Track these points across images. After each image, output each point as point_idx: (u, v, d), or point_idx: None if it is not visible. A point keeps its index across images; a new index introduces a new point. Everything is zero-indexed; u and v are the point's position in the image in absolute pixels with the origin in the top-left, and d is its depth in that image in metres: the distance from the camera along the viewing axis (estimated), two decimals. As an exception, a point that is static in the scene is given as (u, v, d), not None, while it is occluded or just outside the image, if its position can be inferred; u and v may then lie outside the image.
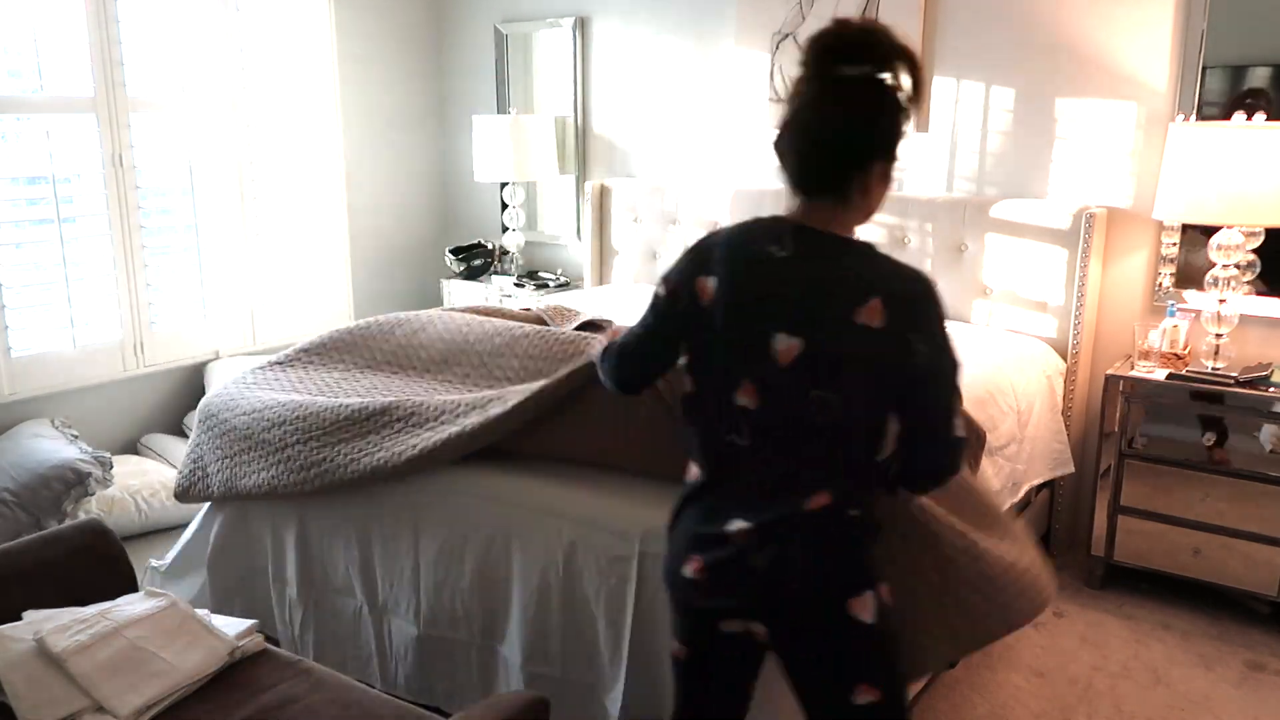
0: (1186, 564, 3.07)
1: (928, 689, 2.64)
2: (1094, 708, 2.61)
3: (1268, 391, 2.90)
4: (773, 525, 1.49)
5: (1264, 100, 3.08)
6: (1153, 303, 3.36)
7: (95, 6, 3.65)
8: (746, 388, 1.49)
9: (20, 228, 3.61)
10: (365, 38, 4.73)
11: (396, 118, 4.95)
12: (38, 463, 3.32)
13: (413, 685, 2.38)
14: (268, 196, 4.34)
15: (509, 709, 1.63)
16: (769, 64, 4.01)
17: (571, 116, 4.64)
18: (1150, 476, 3.09)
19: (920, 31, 3.63)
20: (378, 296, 4.89)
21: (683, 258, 1.60)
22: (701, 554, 1.54)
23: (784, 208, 1.54)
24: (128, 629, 1.83)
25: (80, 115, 3.67)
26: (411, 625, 2.35)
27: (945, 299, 1.50)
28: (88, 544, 2.09)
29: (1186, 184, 2.91)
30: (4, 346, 3.56)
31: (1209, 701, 2.65)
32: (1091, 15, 3.34)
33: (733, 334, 1.50)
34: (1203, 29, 3.14)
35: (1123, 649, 2.90)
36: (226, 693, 1.82)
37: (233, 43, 4.11)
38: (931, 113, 3.71)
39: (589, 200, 4.45)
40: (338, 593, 2.50)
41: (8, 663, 1.73)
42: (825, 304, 1.45)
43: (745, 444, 1.51)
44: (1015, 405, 2.94)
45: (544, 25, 4.65)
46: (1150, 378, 3.06)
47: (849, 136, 1.47)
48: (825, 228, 1.49)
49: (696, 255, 1.58)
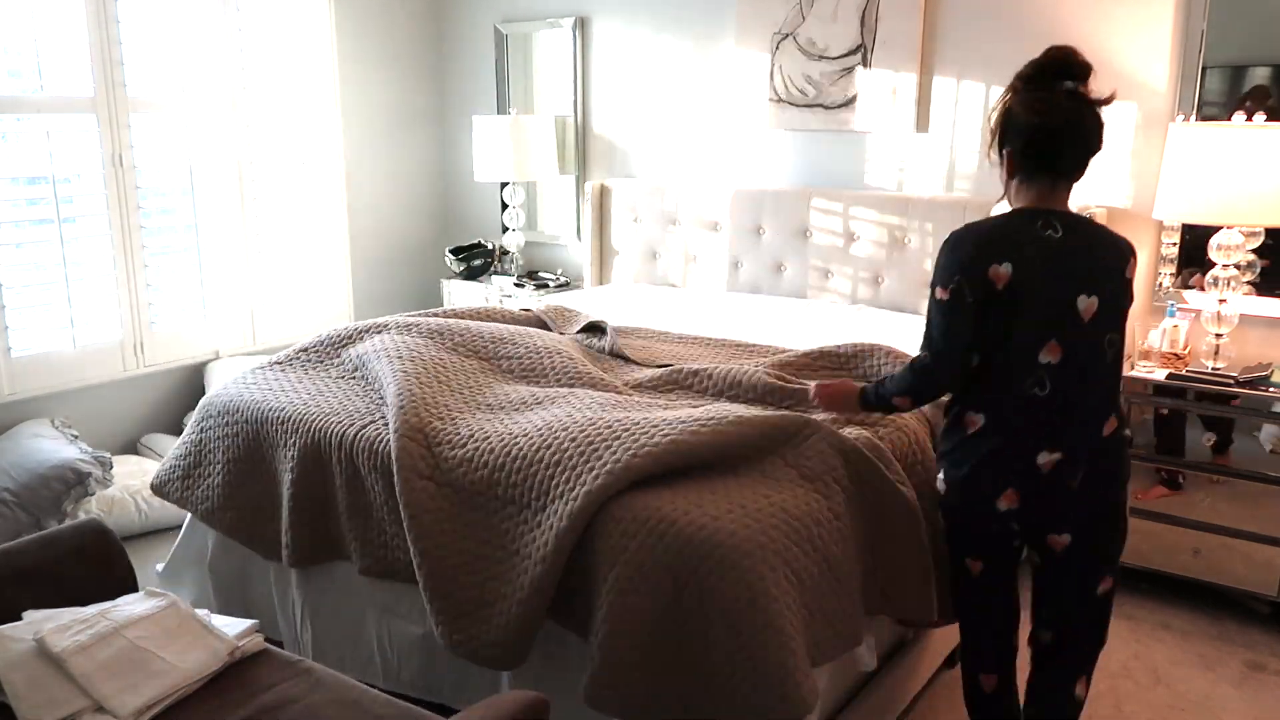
0: (1186, 564, 3.07)
1: (928, 689, 2.64)
2: (1094, 708, 2.61)
3: (1268, 391, 2.90)
4: (1079, 452, 1.90)
5: (1264, 100, 3.08)
6: (1153, 303, 3.36)
7: (95, 6, 3.65)
8: (1052, 347, 1.88)
9: (20, 228, 3.61)
10: (365, 38, 4.73)
11: (396, 118, 4.95)
12: (38, 463, 3.32)
13: (418, 683, 2.37)
14: (268, 196, 4.34)
15: (509, 709, 1.63)
16: (769, 64, 4.01)
17: (571, 116, 4.64)
18: (1150, 476, 3.09)
19: (920, 31, 3.63)
20: (378, 296, 4.89)
21: (955, 257, 1.91)
22: (1015, 487, 1.93)
23: (1015, 197, 1.97)
24: (128, 629, 1.83)
25: (80, 115, 3.67)
26: (414, 625, 2.35)
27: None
28: (88, 544, 2.09)
29: (1186, 184, 2.91)
30: (4, 346, 3.57)
31: (1209, 701, 2.65)
32: (1091, 15, 3.34)
33: (1039, 304, 1.87)
34: (1203, 29, 3.14)
35: (1123, 649, 2.90)
36: (226, 693, 1.82)
37: (233, 43, 4.11)
38: (931, 113, 3.71)
39: (589, 200, 4.45)
40: (338, 591, 2.50)
41: (8, 663, 1.73)
42: (1109, 266, 1.93)
43: (1044, 394, 1.89)
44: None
45: (544, 25, 4.65)
46: (1150, 378, 3.06)
47: (1098, 133, 1.92)
48: (1064, 209, 1.95)
49: (976, 250, 1.90)
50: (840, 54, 3.83)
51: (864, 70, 3.79)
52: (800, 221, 3.91)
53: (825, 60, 3.88)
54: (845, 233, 3.81)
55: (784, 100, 4.00)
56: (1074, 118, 1.89)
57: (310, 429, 2.46)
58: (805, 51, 3.92)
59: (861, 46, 3.78)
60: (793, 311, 3.62)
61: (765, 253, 4.02)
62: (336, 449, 2.38)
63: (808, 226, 3.90)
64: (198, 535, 2.83)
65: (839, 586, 1.97)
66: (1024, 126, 1.90)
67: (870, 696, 2.25)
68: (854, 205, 3.78)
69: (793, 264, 3.96)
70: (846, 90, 3.84)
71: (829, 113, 3.90)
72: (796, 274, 3.96)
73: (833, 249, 3.85)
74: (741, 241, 4.07)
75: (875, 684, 2.28)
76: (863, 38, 3.77)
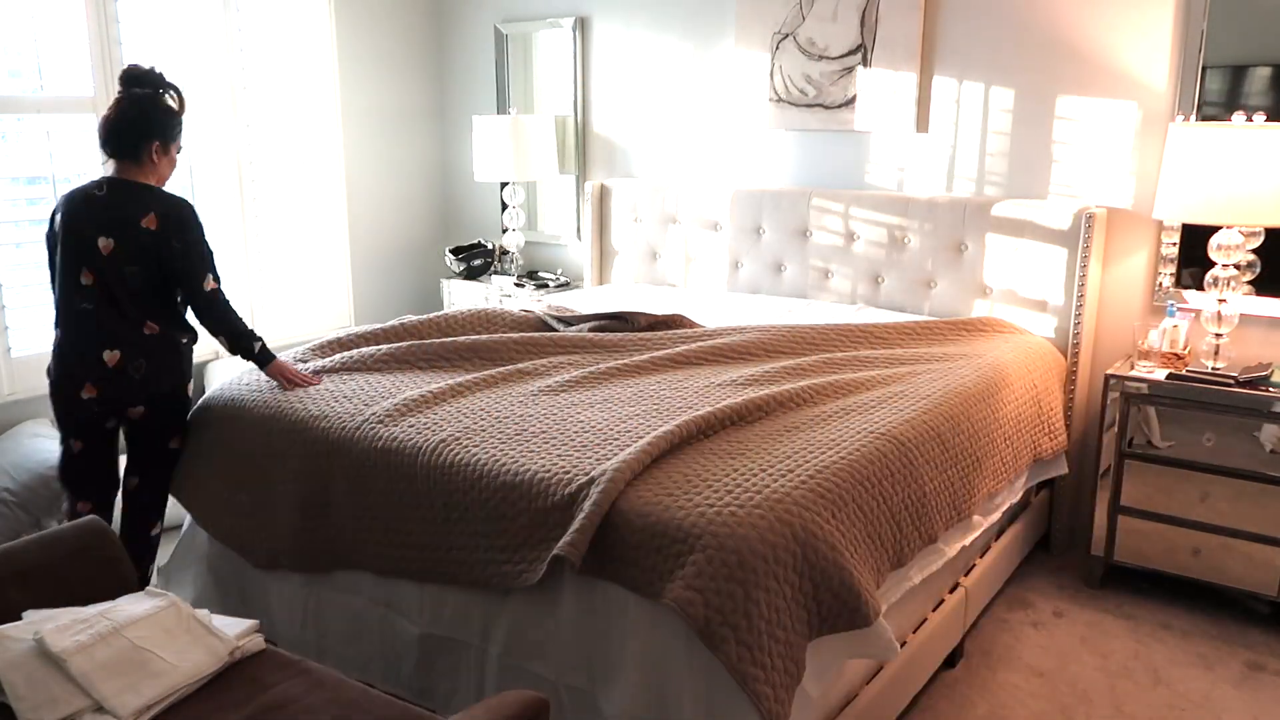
0: (1186, 564, 3.07)
1: (928, 689, 2.64)
2: (1094, 708, 2.61)
3: (1268, 391, 2.90)
4: (133, 349, 2.58)
5: (1264, 100, 3.08)
6: (1153, 303, 3.36)
7: (95, 6, 3.65)
8: (86, 274, 2.56)
9: (20, 228, 3.61)
10: (365, 37, 4.73)
11: (396, 118, 4.95)
12: (38, 463, 3.32)
13: (413, 686, 2.38)
14: (268, 196, 4.34)
15: (509, 709, 1.63)
16: (769, 64, 4.01)
17: (571, 116, 4.64)
18: (1150, 476, 3.10)
19: (920, 31, 3.63)
20: (378, 296, 4.89)
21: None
22: (91, 380, 2.56)
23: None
24: (128, 629, 1.83)
25: (80, 115, 3.67)
26: (413, 625, 2.35)
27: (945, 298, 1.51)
28: (88, 544, 2.09)
29: (1186, 184, 2.91)
30: (4, 346, 3.56)
31: (1209, 701, 2.65)
32: (1091, 15, 3.34)
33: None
34: (1203, 29, 3.14)
35: (1123, 649, 2.90)
36: (226, 693, 1.82)
37: (233, 43, 4.11)
38: (931, 113, 3.71)
39: (589, 200, 4.45)
40: (338, 591, 2.50)
41: (8, 663, 1.73)
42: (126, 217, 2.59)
43: (91, 307, 2.55)
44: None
45: (544, 25, 4.65)
46: (1150, 378, 3.06)
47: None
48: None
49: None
50: (840, 54, 3.84)
51: (864, 70, 3.79)
52: (800, 221, 3.91)
53: (825, 60, 3.88)
54: (845, 232, 3.81)
55: (784, 100, 4.00)
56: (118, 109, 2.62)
57: (313, 429, 2.47)
58: (805, 51, 3.92)
59: (861, 46, 3.78)
60: (793, 311, 3.62)
61: (765, 253, 4.02)
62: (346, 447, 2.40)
63: (808, 226, 3.90)
64: (198, 535, 2.83)
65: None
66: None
67: (870, 696, 2.26)
68: (854, 205, 3.78)
69: (793, 264, 3.96)
70: (846, 90, 3.84)
71: (829, 113, 3.90)
72: (796, 274, 3.96)
73: (833, 249, 3.85)
74: (741, 241, 4.07)
75: (875, 684, 2.28)
76: (863, 38, 3.77)
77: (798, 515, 1.94)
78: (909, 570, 2.32)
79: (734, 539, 1.84)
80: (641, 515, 1.94)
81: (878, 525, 2.15)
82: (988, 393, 2.80)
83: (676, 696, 1.89)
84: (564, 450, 2.20)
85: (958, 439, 2.55)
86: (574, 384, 2.67)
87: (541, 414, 2.43)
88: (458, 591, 2.25)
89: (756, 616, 1.81)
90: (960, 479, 2.52)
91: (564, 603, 2.07)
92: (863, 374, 2.76)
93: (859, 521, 2.08)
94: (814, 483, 2.04)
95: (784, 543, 1.89)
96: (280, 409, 2.60)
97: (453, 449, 2.26)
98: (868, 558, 2.08)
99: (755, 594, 1.82)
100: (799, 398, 2.51)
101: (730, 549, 1.83)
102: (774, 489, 1.98)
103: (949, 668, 2.75)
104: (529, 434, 2.30)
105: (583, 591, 2.04)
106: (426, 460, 2.26)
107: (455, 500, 2.20)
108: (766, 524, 1.88)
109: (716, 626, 1.79)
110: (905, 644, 2.41)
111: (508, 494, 2.12)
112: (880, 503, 2.17)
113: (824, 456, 2.15)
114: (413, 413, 2.45)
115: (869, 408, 2.50)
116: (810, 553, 1.92)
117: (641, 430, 2.26)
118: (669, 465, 2.11)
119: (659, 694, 1.92)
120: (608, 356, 2.95)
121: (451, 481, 2.21)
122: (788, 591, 1.88)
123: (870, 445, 2.25)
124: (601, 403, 2.51)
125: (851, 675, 2.20)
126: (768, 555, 1.85)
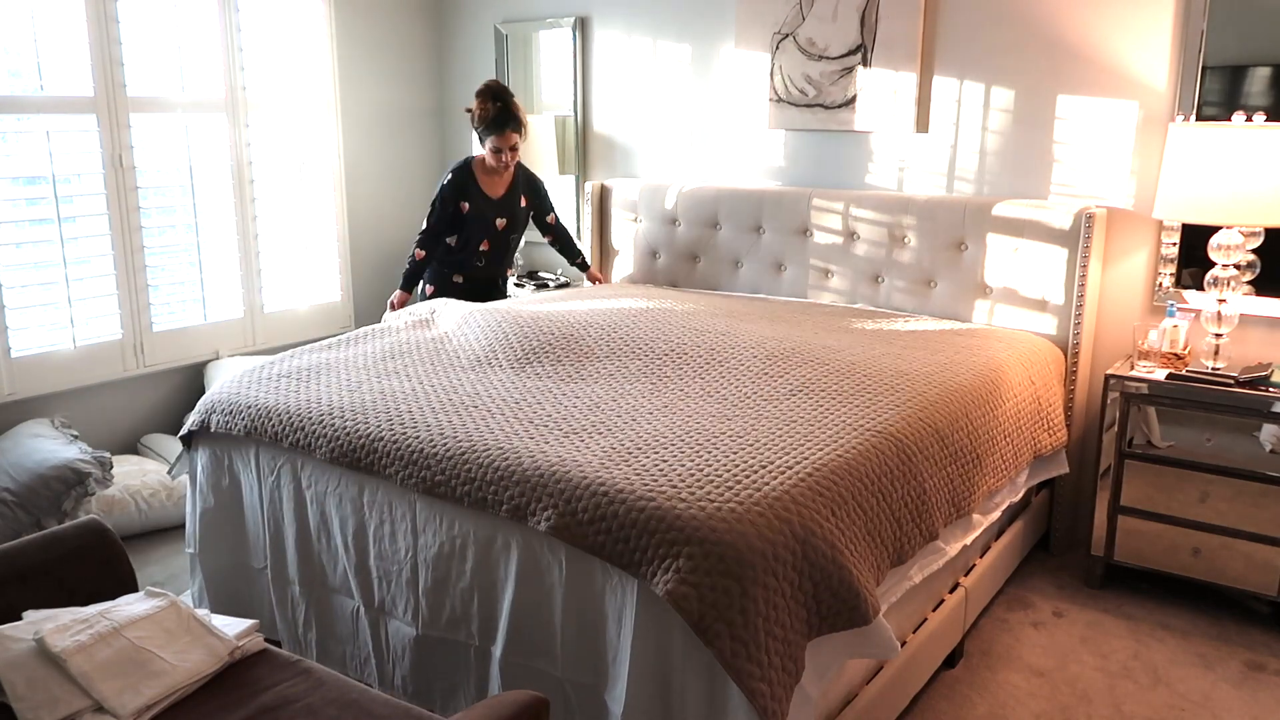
0: (1186, 564, 3.07)
1: (928, 689, 2.64)
2: (1094, 708, 2.61)
3: (1268, 391, 2.90)
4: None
5: (1264, 100, 3.08)
6: (1153, 303, 3.36)
7: (95, 6, 3.65)
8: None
9: (20, 228, 3.61)
10: (365, 37, 4.73)
11: (396, 118, 4.95)
12: (38, 463, 3.32)
13: (409, 687, 2.38)
14: (267, 196, 4.34)
15: (509, 709, 1.63)
16: (769, 64, 4.01)
17: (571, 116, 4.64)
18: (1150, 476, 3.09)
19: (920, 31, 3.63)
20: (377, 296, 4.89)
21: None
22: None
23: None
24: (128, 629, 1.83)
25: (80, 115, 3.67)
26: (409, 626, 2.35)
27: (945, 298, 1.51)
28: (88, 544, 2.09)
29: (1186, 184, 2.91)
30: (4, 346, 3.57)
31: (1209, 701, 2.65)
32: (1091, 15, 3.34)
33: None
34: (1203, 29, 3.14)
35: (1123, 649, 2.90)
36: (226, 693, 1.82)
37: (232, 43, 4.12)
38: (932, 113, 3.71)
39: (589, 200, 4.45)
40: (336, 592, 2.51)
41: (8, 663, 1.73)
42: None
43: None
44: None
45: (544, 25, 4.65)
46: (1150, 378, 3.06)
47: None
48: None
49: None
50: (840, 54, 3.84)
51: (864, 70, 3.79)
52: (800, 221, 3.91)
53: (825, 60, 3.88)
54: (845, 232, 3.81)
55: (784, 100, 4.00)
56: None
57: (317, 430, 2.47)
58: (805, 51, 3.92)
59: (861, 46, 3.78)
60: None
61: (765, 252, 4.02)
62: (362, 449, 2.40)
63: (808, 226, 3.90)
64: (199, 535, 2.83)
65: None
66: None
67: (870, 696, 2.26)
68: (854, 205, 3.78)
69: (793, 264, 3.96)
70: (846, 90, 3.84)
71: (829, 113, 3.90)
72: (796, 274, 3.96)
73: (833, 249, 3.85)
74: (741, 241, 4.07)
75: (875, 684, 2.28)
76: (863, 38, 3.77)
77: (797, 513, 1.94)
78: (909, 568, 2.33)
79: (732, 535, 1.84)
80: (642, 509, 1.94)
81: (877, 523, 2.15)
82: (987, 390, 2.80)
83: (679, 693, 1.89)
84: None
85: (957, 436, 2.55)
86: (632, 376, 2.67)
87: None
88: (456, 591, 2.25)
89: (753, 613, 1.81)
90: (960, 476, 2.53)
91: (563, 599, 2.07)
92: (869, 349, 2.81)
93: (859, 519, 2.09)
94: (813, 480, 2.04)
95: (783, 540, 1.89)
96: (278, 407, 2.59)
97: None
98: (867, 555, 2.09)
99: (753, 590, 1.82)
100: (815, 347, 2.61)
101: (728, 545, 1.83)
102: (774, 486, 1.99)
103: (949, 667, 2.75)
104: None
105: (582, 586, 2.04)
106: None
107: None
108: (765, 521, 1.89)
109: (711, 621, 1.79)
110: (905, 644, 2.42)
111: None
112: (880, 500, 2.18)
113: (824, 454, 2.15)
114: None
115: (870, 394, 2.54)
116: (810, 551, 1.92)
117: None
118: (671, 459, 2.11)
119: (662, 690, 1.92)
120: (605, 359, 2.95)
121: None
122: (786, 589, 1.88)
123: (870, 443, 2.25)
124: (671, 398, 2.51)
125: (851, 675, 2.20)
126: (766, 552, 1.85)
